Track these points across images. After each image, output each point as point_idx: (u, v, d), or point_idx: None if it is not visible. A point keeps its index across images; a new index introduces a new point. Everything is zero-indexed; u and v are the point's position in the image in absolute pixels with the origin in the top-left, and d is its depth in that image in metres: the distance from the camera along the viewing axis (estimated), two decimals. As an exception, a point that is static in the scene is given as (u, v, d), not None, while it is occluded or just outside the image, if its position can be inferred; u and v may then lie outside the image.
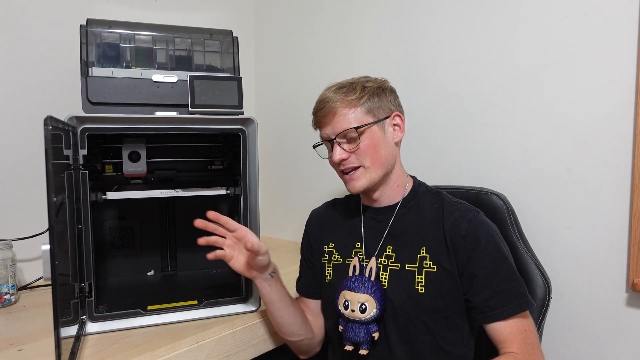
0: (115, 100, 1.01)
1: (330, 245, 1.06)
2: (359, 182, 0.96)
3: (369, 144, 0.94)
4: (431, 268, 0.92)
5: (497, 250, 0.91)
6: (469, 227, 0.91)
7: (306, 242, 1.13)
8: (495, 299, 0.88)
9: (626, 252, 1.06)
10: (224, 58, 1.18)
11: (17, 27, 1.29)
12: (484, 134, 1.27)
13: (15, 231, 1.26)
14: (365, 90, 0.96)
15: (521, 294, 0.89)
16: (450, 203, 0.98)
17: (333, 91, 0.97)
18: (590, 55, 1.09)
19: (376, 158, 0.95)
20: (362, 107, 0.95)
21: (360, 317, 0.89)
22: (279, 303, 1.00)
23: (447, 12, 1.33)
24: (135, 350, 0.87)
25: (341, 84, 0.99)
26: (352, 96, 0.95)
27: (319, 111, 0.98)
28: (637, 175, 1.02)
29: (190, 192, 1.12)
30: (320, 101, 0.98)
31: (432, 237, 0.94)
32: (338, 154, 0.95)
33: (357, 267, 0.96)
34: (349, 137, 0.95)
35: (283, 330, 1.03)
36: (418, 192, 1.02)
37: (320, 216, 1.13)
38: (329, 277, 1.04)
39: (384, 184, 0.99)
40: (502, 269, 0.90)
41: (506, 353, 0.86)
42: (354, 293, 0.91)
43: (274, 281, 1.00)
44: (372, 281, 0.92)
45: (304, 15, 1.73)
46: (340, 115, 0.95)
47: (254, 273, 0.97)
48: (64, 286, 0.87)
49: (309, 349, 1.09)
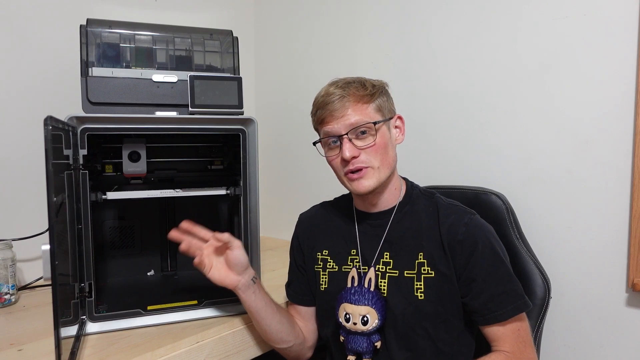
0: (115, 100, 1.01)
1: (324, 253, 1.03)
2: (369, 182, 0.91)
3: (381, 143, 0.91)
4: (429, 274, 0.91)
5: (494, 254, 0.90)
6: (466, 231, 0.90)
7: (297, 247, 1.09)
8: (494, 302, 0.88)
9: (626, 252, 1.05)
10: (224, 58, 1.18)
11: (17, 27, 1.29)
12: (483, 133, 1.27)
13: (15, 231, 1.26)
14: (375, 87, 0.93)
15: (519, 296, 0.89)
16: (445, 206, 0.96)
17: (341, 86, 0.92)
18: (590, 55, 1.09)
19: (385, 158, 0.92)
20: (374, 104, 0.92)
21: (363, 329, 0.88)
22: (264, 311, 0.96)
23: (447, 13, 1.33)
24: (135, 350, 0.87)
25: (347, 80, 0.94)
26: (364, 92, 0.91)
27: (327, 105, 0.91)
28: (637, 175, 1.02)
29: (190, 192, 1.12)
30: (327, 95, 0.92)
31: (429, 242, 0.93)
32: (349, 150, 0.89)
33: (356, 278, 0.93)
34: (360, 134, 0.90)
35: (271, 337, 0.99)
36: (412, 195, 1.00)
37: (311, 221, 1.09)
38: (324, 285, 1.01)
39: (386, 186, 0.97)
40: (499, 272, 0.89)
41: (497, 351, 0.88)
42: (355, 306, 0.89)
43: (257, 287, 0.96)
44: (372, 292, 0.90)
45: (304, 15, 1.73)
46: (353, 110, 0.90)
47: (234, 278, 0.93)
48: (64, 286, 0.87)
49: (299, 355, 1.05)
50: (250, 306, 0.96)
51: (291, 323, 1.02)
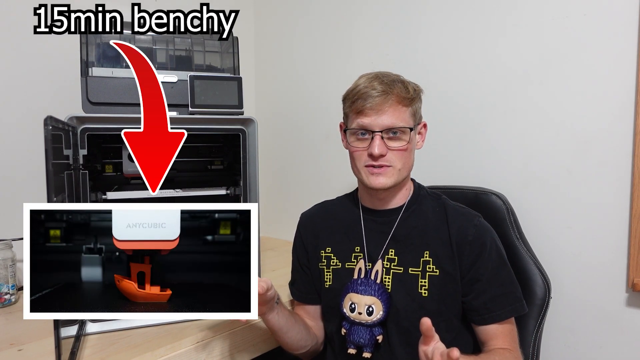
0: (115, 100, 1.01)
1: (327, 250, 1.04)
2: (387, 180, 0.92)
3: (409, 148, 0.93)
4: (434, 272, 0.93)
5: (499, 256, 0.94)
6: (476, 232, 0.93)
7: (300, 246, 1.09)
8: (494, 302, 0.91)
9: (626, 252, 1.05)
10: (224, 58, 1.18)
11: (17, 27, 1.29)
12: (483, 134, 1.27)
13: (15, 231, 1.25)
14: (416, 92, 0.94)
15: (517, 298, 0.93)
16: (453, 207, 0.98)
17: (386, 83, 0.90)
18: (590, 55, 1.09)
19: (407, 162, 0.94)
20: (412, 108, 0.93)
21: (367, 319, 0.89)
22: (286, 327, 0.97)
23: (447, 13, 1.33)
24: (135, 350, 0.87)
25: (390, 77, 0.93)
26: (406, 94, 0.91)
27: (368, 98, 0.90)
28: (637, 175, 1.02)
29: (190, 192, 1.12)
30: (370, 88, 0.90)
31: (435, 241, 0.94)
32: (378, 148, 0.89)
33: (363, 270, 0.94)
34: (392, 134, 0.91)
35: (293, 347, 1.01)
36: (419, 195, 1.01)
37: (313, 219, 1.09)
38: (328, 282, 1.02)
39: (400, 187, 0.99)
40: (502, 274, 0.93)
41: (502, 348, 0.89)
42: (361, 296, 0.90)
43: (280, 307, 0.95)
44: (379, 284, 0.92)
45: (304, 16, 1.73)
46: (393, 110, 0.90)
47: (263, 310, 0.90)
48: (64, 286, 0.87)
49: (315, 352, 1.08)
50: (273, 326, 0.95)
51: (306, 327, 1.04)
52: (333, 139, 1.60)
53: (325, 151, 1.68)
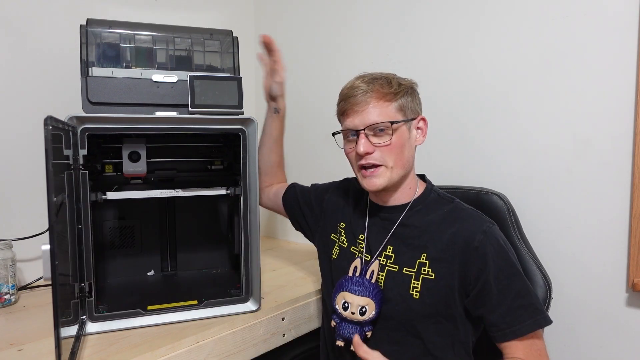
0: (115, 100, 1.01)
1: (341, 225, 1.07)
2: (379, 181, 0.92)
3: (397, 143, 0.92)
4: (429, 275, 0.91)
5: (510, 265, 0.88)
6: (483, 238, 0.89)
7: (326, 197, 1.17)
8: (512, 315, 0.85)
9: (626, 252, 1.06)
10: (224, 58, 1.18)
11: (17, 27, 1.29)
12: (484, 134, 1.27)
13: (15, 231, 1.26)
14: (401, 86, 0.93)
15: (538, 310, 0.87)
16: (464, 211, 0.96)
17: (367, 81, 0.92)
18: (590, 55, 1.09)
19: (399, 158, 0.93)
20: (396, 102, 0.92)
21: (360, 319, 0.89)
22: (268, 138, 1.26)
23: (447, 13, 1.33)
24: (135, 350, 0.87)
25: (374, 75, 0.94)
26: (388, 90, 0.91)
27: (349, 98, 0.92)
28: (637, 175, 1.02)
29: (190, 192, 1.12)
30: (352, 88, 0.93)
31: (435, 244, 0.92)
32: (363, 146, 0.90)
33: (359, 268, 0.95)
34: (378, 131, 0.91)
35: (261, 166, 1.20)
36: (428, 197, 0.99)
37: (344, 191, 1.14)
38: (334, 255, 1.06)
39: (399, 186, 0.97)
40: (516, 284, 0.87)
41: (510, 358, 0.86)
42: (355, 296, 0.90)
43: (277, 118, 1.24)
44: (374, 284, 0.92)
45: (304, 16, 1.73)
46: (374, 107, 0.91)
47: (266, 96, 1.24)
48: (64, 286, 0.87)
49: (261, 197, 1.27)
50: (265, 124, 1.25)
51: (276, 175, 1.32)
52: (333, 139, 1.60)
53: (325, 151, 1.68)
